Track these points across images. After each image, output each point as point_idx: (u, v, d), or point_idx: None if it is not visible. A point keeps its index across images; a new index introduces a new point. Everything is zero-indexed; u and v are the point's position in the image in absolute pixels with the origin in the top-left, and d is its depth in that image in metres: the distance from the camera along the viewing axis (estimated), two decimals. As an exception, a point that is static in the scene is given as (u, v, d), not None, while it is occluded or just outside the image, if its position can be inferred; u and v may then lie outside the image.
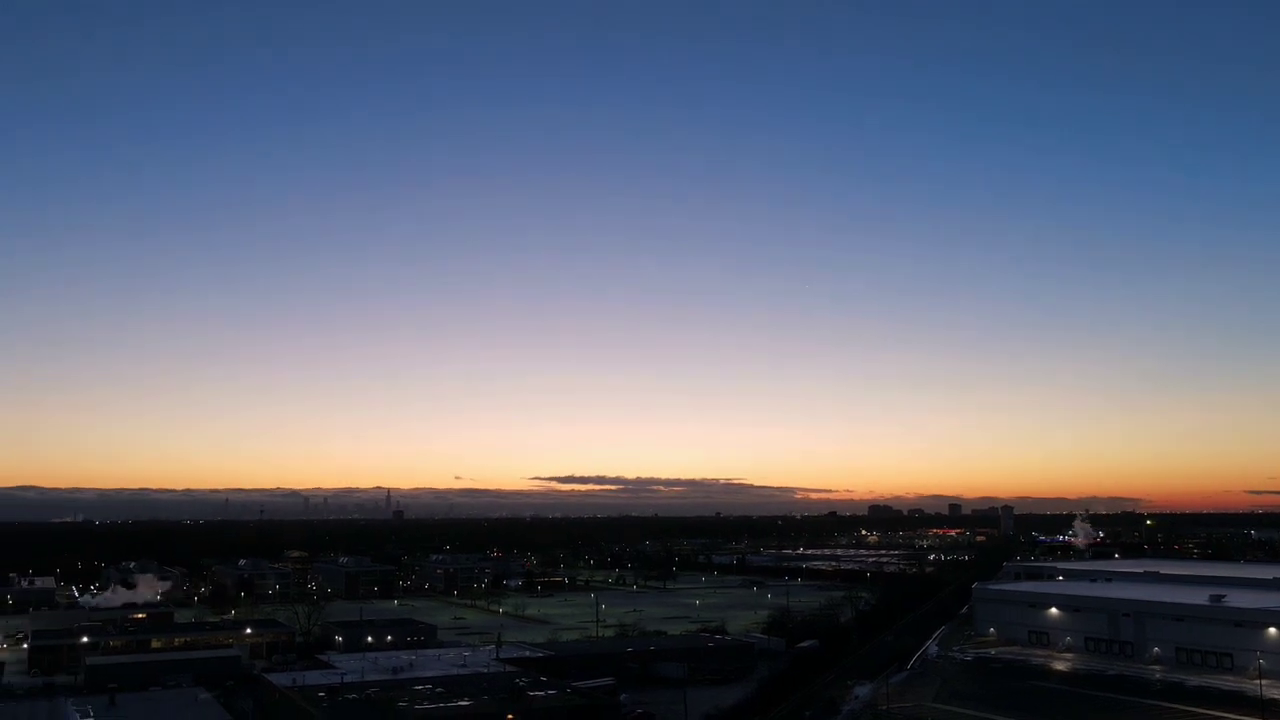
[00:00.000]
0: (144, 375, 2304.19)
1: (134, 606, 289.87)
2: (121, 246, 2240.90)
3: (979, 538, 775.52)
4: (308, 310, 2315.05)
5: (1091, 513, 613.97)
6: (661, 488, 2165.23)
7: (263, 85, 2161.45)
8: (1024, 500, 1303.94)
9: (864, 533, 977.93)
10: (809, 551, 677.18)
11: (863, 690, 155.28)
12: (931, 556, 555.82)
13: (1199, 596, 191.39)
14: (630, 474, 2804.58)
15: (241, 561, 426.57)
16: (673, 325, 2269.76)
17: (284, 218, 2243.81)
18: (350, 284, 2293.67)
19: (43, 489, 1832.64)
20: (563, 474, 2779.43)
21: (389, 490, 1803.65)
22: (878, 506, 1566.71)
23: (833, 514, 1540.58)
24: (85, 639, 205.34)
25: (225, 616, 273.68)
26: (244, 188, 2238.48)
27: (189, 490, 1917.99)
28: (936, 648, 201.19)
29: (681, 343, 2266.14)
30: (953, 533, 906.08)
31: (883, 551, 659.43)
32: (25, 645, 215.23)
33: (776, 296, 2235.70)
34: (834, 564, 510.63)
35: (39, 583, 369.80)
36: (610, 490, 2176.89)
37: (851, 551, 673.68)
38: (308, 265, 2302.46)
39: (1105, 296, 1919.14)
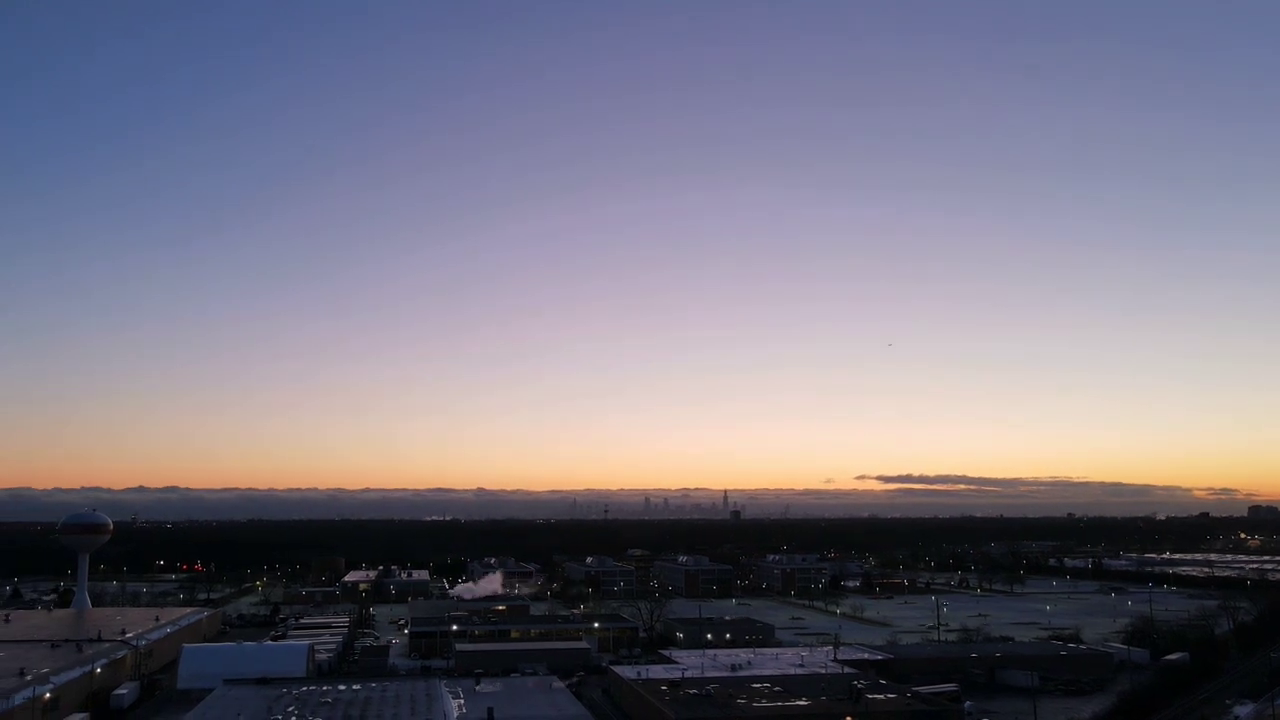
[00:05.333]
0: (497, 385, 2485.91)
1: (495, 599, 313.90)
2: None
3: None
4: (648, 316, 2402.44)
5: None
6: (1025, 487, 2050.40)
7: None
8: None
9: (1243, 536, 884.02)
10: (1176, 556, 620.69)
11: (1244, 711, 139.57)
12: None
13: None
14: (976, 473, 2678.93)
15: (589, 559, 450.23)
16: (1033, 315, 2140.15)
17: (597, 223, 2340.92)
18: (690, 291, 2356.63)
19: (418, 490, 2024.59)
20: (905, 474, 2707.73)
21: (726, 491, 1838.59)
22: (1260, 508, 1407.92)
23: (1204, 515, 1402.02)
24: (455, 628, 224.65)
25: (575, 611, 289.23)
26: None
27: (541, 491, 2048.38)
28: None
29: (1041, 334, 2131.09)
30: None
31: (1266, 558, 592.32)
32: (406, 632, 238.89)
33: (1150, 278, 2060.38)
34: (1206, 570, 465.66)
35: (415, 575, 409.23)
36: (954, 490, 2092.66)
37: (1228, 557, 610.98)
38: (639, 275, 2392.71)
39: None
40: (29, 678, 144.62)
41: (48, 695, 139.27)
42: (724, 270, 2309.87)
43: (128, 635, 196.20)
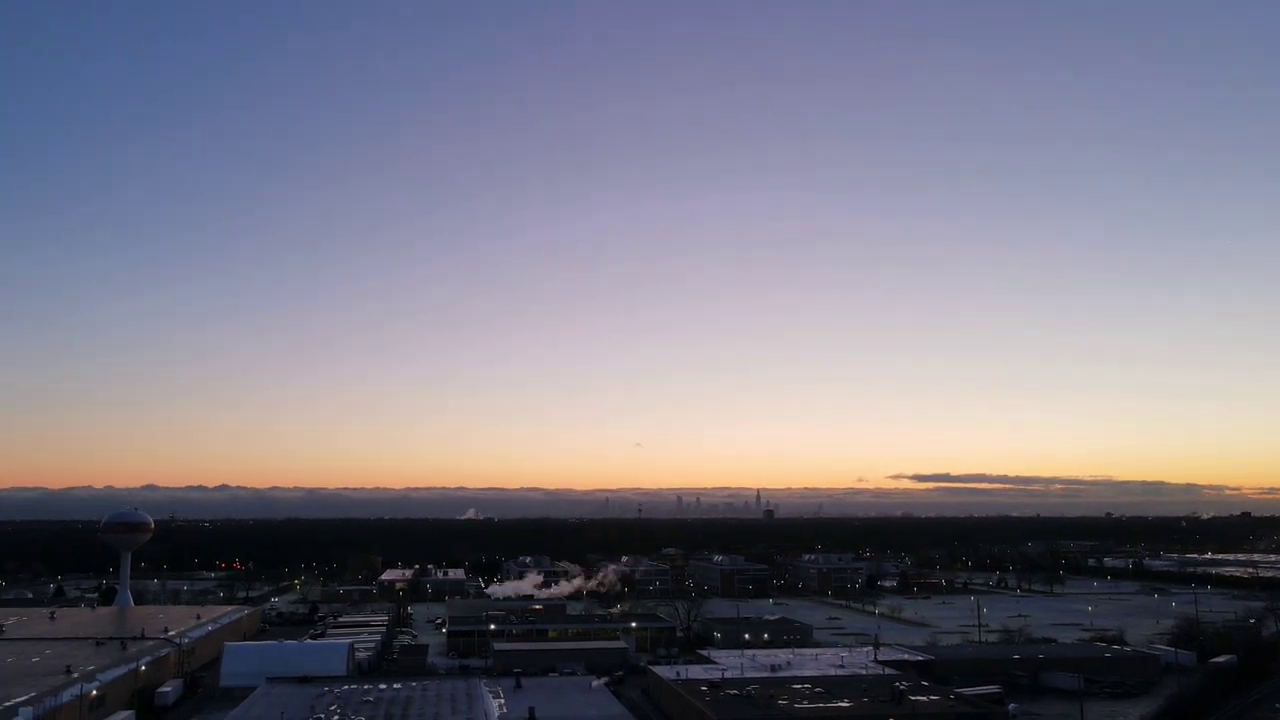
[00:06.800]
0: (542, 384, 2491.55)
1: (532, 598, 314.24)
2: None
3: None
4: (682, 317, 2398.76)
5: None
6: (1063, 486, 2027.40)
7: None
8: None
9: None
10: (1218, 556, 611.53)
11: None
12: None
13: None
14: (1014, 472, 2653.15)
15: (624, 558, 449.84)
16: (1074, 312, 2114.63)
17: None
18: (724, 292, 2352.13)
19: (451, 489, 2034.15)
20: (940, 472, 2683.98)
21: (759, 490, 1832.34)
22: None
23: (1246, 514, 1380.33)
24: (493, 627, 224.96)
25: (611, 610, 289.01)
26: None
27: (587, 490, 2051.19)
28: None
29: (1081, 331, 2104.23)
30: None
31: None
32: (444, 631, 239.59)
33: (1185, 278, 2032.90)
34: (1250, 571, 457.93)
35: (451, 574, 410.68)
36: (991, 489, 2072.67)
37: (1272, 558, 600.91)
38: (675, 276, 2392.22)
39: None
40: (75, 675, 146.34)
41: (94, 693, 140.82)
42: (758, 271, 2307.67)
43: (171, 633, 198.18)
